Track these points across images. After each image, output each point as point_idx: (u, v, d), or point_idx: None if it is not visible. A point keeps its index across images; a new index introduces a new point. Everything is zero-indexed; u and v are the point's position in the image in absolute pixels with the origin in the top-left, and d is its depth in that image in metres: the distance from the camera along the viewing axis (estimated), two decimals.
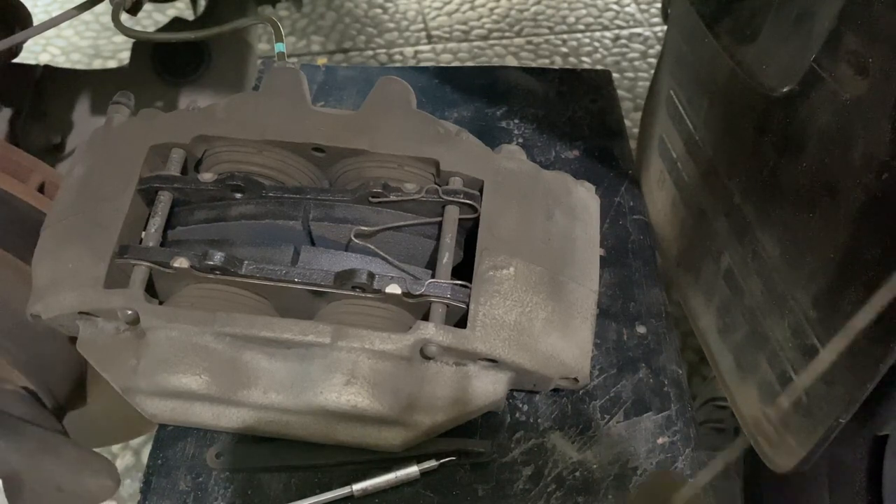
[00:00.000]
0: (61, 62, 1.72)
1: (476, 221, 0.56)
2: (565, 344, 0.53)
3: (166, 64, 1.15)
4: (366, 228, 0.54)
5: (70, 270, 0.53)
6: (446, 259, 0.53)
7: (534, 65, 1.76)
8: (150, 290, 0.54)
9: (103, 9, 0.75)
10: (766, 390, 0.64)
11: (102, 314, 0.53)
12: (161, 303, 0.55)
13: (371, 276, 0.50)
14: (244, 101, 0.60)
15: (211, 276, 0.52)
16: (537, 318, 0.52)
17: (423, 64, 1.75)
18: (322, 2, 1.89)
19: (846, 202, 0.50)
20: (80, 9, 0.73)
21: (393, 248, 0.55)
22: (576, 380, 0.54)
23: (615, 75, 1.00)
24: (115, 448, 1.19)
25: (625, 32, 1.85)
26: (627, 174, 0.75)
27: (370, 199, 0.55)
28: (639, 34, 1.84)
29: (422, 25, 1.85)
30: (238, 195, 0.56)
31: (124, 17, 0.69)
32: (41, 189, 0.70)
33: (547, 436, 0.57)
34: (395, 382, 0.51)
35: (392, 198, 0.55)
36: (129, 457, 1.18)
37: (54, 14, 0.70)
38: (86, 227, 0.54)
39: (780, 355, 0.61)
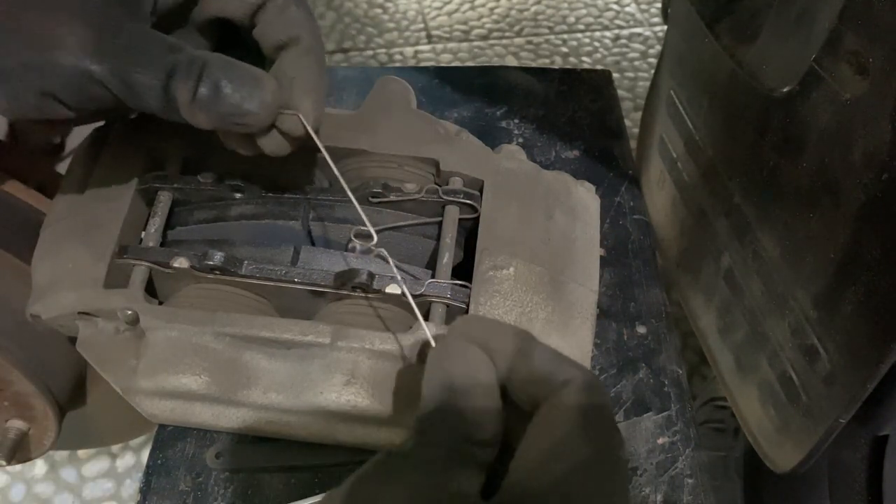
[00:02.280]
0: None
1: (476, 221, 0.56)
2: (565, 344, 0.53)
3: None
4: (365, 228, 0.54)
5: (70, 270, 0.53)
6: (446, 259, 0.53)
7: (534, 65, 1.76)
8: (151, 290, 0.54)
9: None
10: (766, 390, 0.64)
11: (102, 314, 0.53)
12: (161, 303, 0.55)
13: (371, 276, 0.50)
14: None
15: (211, 276, 0.52)
16: (537, 319, 0.52)
17: (423, 64, 1.75)
18: (322, 2, 1.89)
19: (846, 202, 0.51)
20: None
21: (393, 248, 0.55)
22: None
23: (615, 75, 1.00)
24: (115, 448, 1.19)
25: (625, 32, 1.85)
26: (627, 174, 0.75)
27: (370, 199, 0.55)
28: (639, 34, 1.84)
29: (422, 25, 1.85)
30: (238, 195, 0.56)
31: None
32: (41, 189, 0.70)
33: None
34: (395, 382, 0.50)
35: (392, 198, 0.55)
36: (129, 457, 1.18)
37: None
38: (85, 227, 0.54)
39: (780, 355, 0.61)
